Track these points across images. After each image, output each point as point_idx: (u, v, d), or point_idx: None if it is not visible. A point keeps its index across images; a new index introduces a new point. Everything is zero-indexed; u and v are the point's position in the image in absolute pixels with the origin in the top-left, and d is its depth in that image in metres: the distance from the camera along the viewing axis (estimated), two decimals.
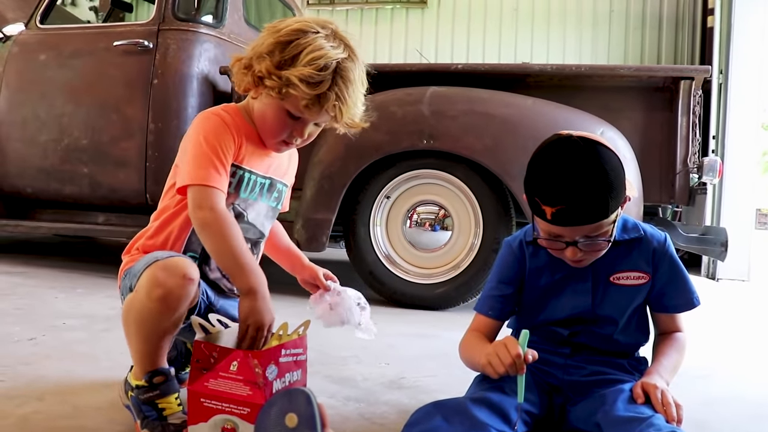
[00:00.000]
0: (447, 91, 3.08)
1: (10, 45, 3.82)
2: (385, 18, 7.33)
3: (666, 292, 1.47)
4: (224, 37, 3.65)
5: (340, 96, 1.33)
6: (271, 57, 1.33)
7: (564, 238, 1.33)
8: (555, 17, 6.99)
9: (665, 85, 3.12)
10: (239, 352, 1.19)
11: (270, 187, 1.54)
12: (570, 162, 1.27)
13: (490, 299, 1.54)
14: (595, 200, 1.27)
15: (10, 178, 3.79)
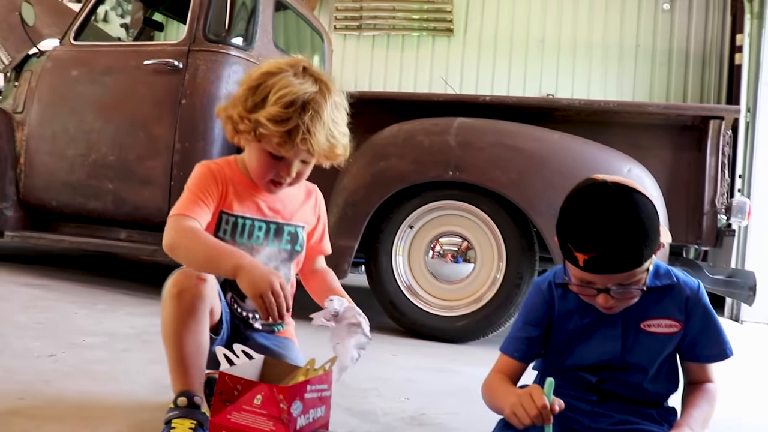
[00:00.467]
0: (474, 122, 3.08)
1: (44, 60, 3.88)
2: (412, 45, 7.38)
3: (698, 341, 1.43)
4: (253, 59, 3.68)
5: (310, 129, 1.38)
6: (244, 102, 1.42)
7: (596, 285, 1.31)
8: (581, 50, 7.00)
9: (694, 123, 3.09)
10: (264, 385, 1.17)
11: (277, 230, 1.58)
12: (604, 209, 1.24)
13: (516, 341, 1.52)
14: (629, 249, 1.24)
15: (36, 190, 3.83)
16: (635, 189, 1.29)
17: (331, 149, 1.47)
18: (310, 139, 1.39)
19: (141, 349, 2.30)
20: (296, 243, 1.63)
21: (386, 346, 2.86)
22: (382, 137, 3.14)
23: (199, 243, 1.40)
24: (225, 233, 1.52)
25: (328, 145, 1.45)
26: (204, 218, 1.47)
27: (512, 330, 1.54)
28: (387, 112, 3.29)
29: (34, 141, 3.81)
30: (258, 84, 1.43)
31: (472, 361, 2.76)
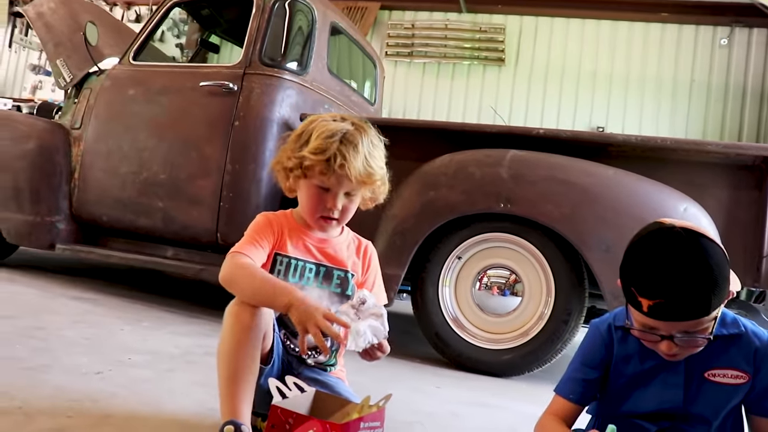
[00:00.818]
0: (527, 155, 3.04)
1: (103, 78, 3.97)
2: (462, 73, 7.38)
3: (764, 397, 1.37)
4: (307, 84, 3.71)
5: (346, 156, 1.56)
6: (292, 146, 1.64)
7: (659, 332, 1.26)
8: (633, 84, 6.92)
9: (755, 163, 3.00)
10: (317, 421, 1.15)
11: (326, 274, 1.68)
12: (673, 254, 1.21)
13: (572, 382, 1.47)
14: (697, 297, 1.20)
15: (88, 205, 3.90)
16: (705, 235, 1.24)
17: (369, 176, 1.61)
18: (347, 165, 1.56)
19: (185, 369, 2.30)
20: (347, 288, 1.71)
21: (430, 378, 2.82)
22: (434, 167, 3.13)
23: (255, 278, 1.51)
24: (279, 273, 1.64)
25: (366, 172, 1.60)
26: (259, 258, 1.59)
27: (568, 371, 1.50)
28: (438, 141, 3.27)
29: (89, 157, 3.90)
30: (302, 131, 1.65)
31: (518, 396, 2.70)
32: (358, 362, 1.52)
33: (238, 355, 1.45)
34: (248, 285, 1.50)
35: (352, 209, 1.68)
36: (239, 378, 1.44)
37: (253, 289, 1.49)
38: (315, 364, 1.69)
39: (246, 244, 1.60)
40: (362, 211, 1.84)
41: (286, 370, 1.59)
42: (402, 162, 3.21)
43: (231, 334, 1.47)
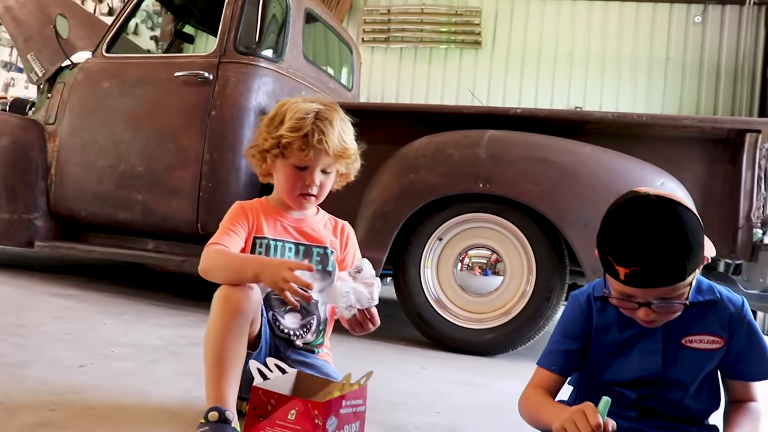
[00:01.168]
0: (505, 135, 3.05)
1: (76, 72, 3.92)
2: (439, 57, 7.37)
3: (742, 359, 1.39)
4: (283, 71, 3.69)
5: (323, 131, 1.62)
6: (267, 128, 1.68)
7: (637, 299, 1.28)
8: (610, 63, 6.94)
9: (729, 137, 3.03)
10: (298, 400, 1.15)
11: (306, 251, 1.71)
12: (648, 222, 1.22)
13: (554, 354, 1.49)
14: (673, 263, 1.21)
15: (66, 201, 3.86)
16: (679, 202, 1.26)
17: (345, 150, 1.67)
18: (324, 138, 1.61)
19: (169, 360, 2.29)
20: (327, 264, 1.73)
21: (414, 359, 2.84)
22: (412, 149, 3.13)
23: (225, 258, 1.56)
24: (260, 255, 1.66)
25: (342, 146, 1.66)
26: (235, 245, 1.63)
27: (550, 343, 1.51)
28: (416, 125, 3.27)
29: (64, 152, 3.85)
30: (275, 113, 1.70)
31: (501, 374, 2.72)
32: (344, 346, 1.53)
33: (226, 340, 1.45)
34: (221, 267, 1.55)
35: (328, 185, 1.73)
36: (226, 363, 1.44)
37: (225, 271, 1.54)
38: (303, 345, 1.70)
39: (221, 235, 1.64)
40: (343, 196, 1.87)
41: (274, 354, 1.60)
42: (381, 146, 3.23)
43: (219, 320, 1.48)
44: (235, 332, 1.46)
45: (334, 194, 1.82)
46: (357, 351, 2.80)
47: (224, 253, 1.58)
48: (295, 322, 1.69)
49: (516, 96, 7.09)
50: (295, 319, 1.69)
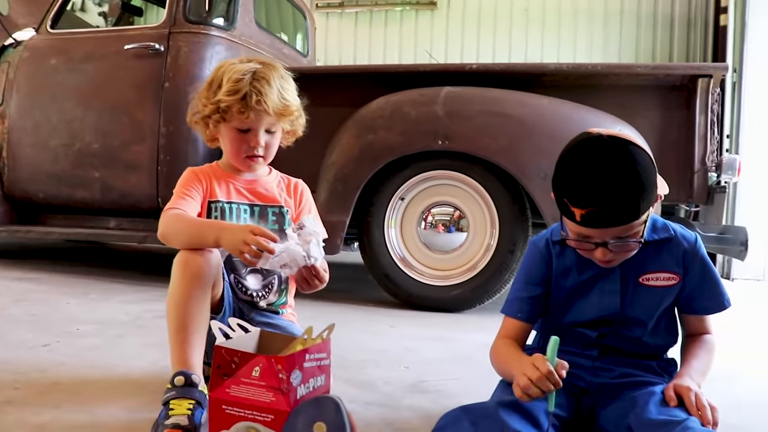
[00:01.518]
0: (462, 91, 3.05)
1: (21, 50, 3.81)
2: (395, 20, 7.30)
3: (696, 294, 1.43)
4: (235, 39, 3.63)
5: (261, 91, 1.59)
6: (205, 94, 1.65)
7: (593, 239, 1.29)
8: (566, 17, 6.95)
9: (682, 83, 3.06)
10: (261, 357, 1.15)
11: (261, 212, 1.71)
12: (600, 163, 1.23)
13: (518, 301, 1.50)
14: (626, 202, 1.23)
15: (21, 183, 3.78)
16: (631, 141, 1.27)
17: (286, 107, 1.65)
18: (263, 99, 1.59)
19: (136, 334, 2.28)
20: (284, 223, 1.72)
21: (383, 319, 2.86)
22: (370, 110, 3.11)
23: (184, 224, 1.55)
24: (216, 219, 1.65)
25: (282, 104, 1.64)
26: (191, 208, 1.61)
27: (512, 291, 1.53)
28: (373, 86, 3.25)
29: (15, 133, 3.76)
30: (213, 78, 1.66)
31: (470, 328, 2.75)
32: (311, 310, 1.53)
33: (187, 305, 1.44)
34: (181, 233, 1.53)
35: (274, 144, 1.71)
36: (189, 328, 1.43)
37: (185, 235, 1.53)
38: (266, 306, 1.70)
39: (177, 199, 1.62)
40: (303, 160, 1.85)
41: (238, 317, 1.58)
42: (338, 109, 3.22)
43: (179, 285, 1.46)
44: (197, 296, 1.45)
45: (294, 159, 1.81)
46: (324, 314, 2.81)
47: (183, 218, 1.56)
48: (257, 283, 1.69)
49: (474, 56, 7.06)
50: (257, 280, 1.69)
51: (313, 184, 3.12)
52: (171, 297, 1.47)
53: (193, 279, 1.46)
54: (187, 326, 1.43)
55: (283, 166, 1.88)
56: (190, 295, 1.45)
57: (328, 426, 0.94)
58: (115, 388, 1.64)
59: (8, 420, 1.36)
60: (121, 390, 1.63)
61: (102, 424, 1.37)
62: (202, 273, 1.47)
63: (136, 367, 1.85)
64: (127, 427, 1.36)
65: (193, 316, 1.44)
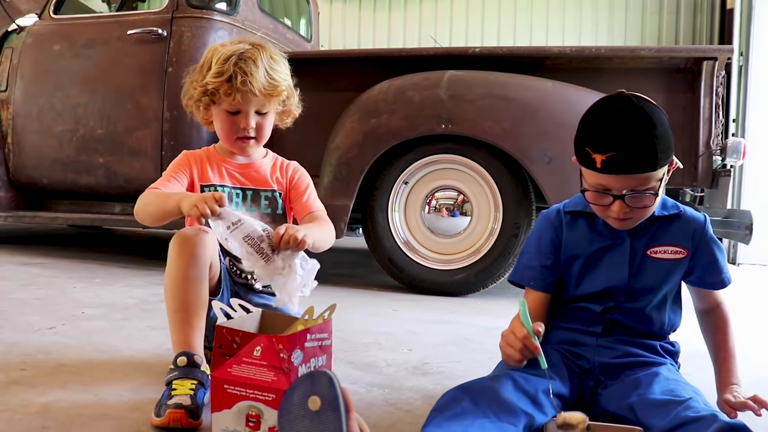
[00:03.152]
0: (465, 74, 3.04)
1: (24, 36, 3.82)
2: (399, 5, 7.28)
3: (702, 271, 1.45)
4: (238, 24, 3.62)
5: (246, 71, 1.58)
6: (197, 76, 1.65)
7: (611, 191, 1.31)
8: (570, 2, 6.91)
9: (687, 66, 3.05)
10: (263, 336, 1.16)
11: (254, 196, 1.71)
12: (622, 111, 1.27)
13: (530, 270, 1.49)
14: (645, 148, 1.26)
15: (26, 169, 3.80)
16: (652, 102, 1.31)
17: (273, 87, 1.64)
18: (249, 80, 1.58)
19: (141, 317, 2.30)
20: (276, 207, 1.73)
21: (387, 302, 2.87)
22: (373, 94, 3.11)
23: (154, 196, 1.57)
24: None
25: (269, 84, 1.62)
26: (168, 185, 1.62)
27: (522, 261, 1.52)
28: (376, 70, 3.25)
29: (20, 119, 3.77)
30: (203, 61, 1.67)
31: (473, 312, 2.76)
32: (313, 294, 1.53)
33: (185, 285, 1.45)
34: (149, 204, 1.56)
35: (267, 125, 1.70)
36: (188, 309, 1.44)
37: (153, 207, 1.55)
38: (262, 288, 1.70)
39: (162, 181, 1.64)
40: (307, 145, 1.83)
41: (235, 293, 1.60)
42: (342, 93, 3.21)
43: (176, 266, 1.47)
44: (194, 277, 1.46)
45: (298, 143, 1.80)
46: (328, 298, 2.80)
47: (152, 192, 1.58)
48: None
49: (478, 40, 7.04)
50: None
51: (317, 168, 3.12)
52: (168, 279, 1.48)
53: (190, 260, 1.46)
54: (186, 307, 1.44)
55: (287, 151, 1.88)
56: (187, 276, 1.45)
57: (322, 399, 0.95)
58: (119, 370, 1.66)
59: (15, 400, 1.38)
60: (126, 371, 1.64)
61: (106, 405, 1.38)
62: (199, 254, 1.47)
63: (140, 350, 1.87)
64: (131, 407, 1.37)
65: (191, 297, 1.45)
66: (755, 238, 3.09)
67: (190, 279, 1.45)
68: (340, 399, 0.95)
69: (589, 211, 1.43)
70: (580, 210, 1.46)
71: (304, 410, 0.97)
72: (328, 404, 0.96)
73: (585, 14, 6.89)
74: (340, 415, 0.95)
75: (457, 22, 7.14)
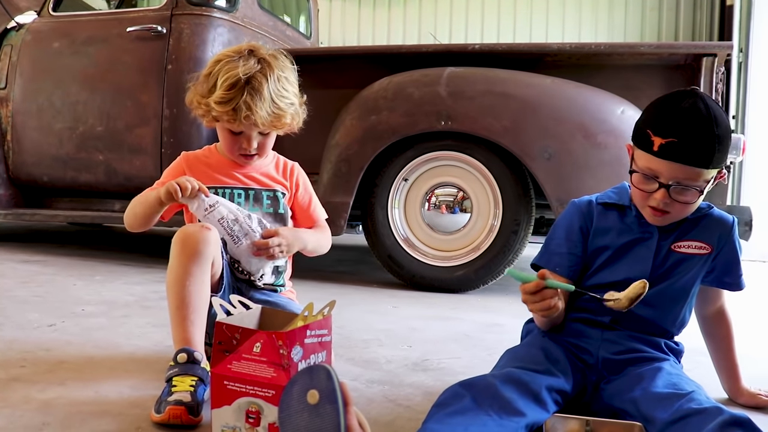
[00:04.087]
0: (464, 71, 3.04)
1: (23, 33, 3.82)
2: (399, 2, 7.28)
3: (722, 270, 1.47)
4: (238, 21, 3.62)
5: (251, 107, 1.55)
6: (201, 88, 1.62)
7: (659, 179, 1.32)
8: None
9: (687, 62, 3.05)
10: (262, 333, 1.16)
11: (255, 196, 1.71)
12: (692, 104, 1.29)
13: (557, 256, 1.49)
14: (705, 142, 1.28)
15: (26, 167, 3.80)
16: (721, 106, 1.33)
17: (277, 119, 1.62)
18: (252, 115, 1.56)
19: (141, 314, 2.30)
20: (278, 207, 1.74)
21: (387, 299, 2.87)
22: (372, 91, 3.11)
23: (134, 201, 1.64)
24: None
25: (273, 117, 1.60)
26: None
27: (550, 247, 1.52)
28: (376, 67, 3.24)
29: (20, 117, 3.77)
30: (209, 72, 1.62)
31: (473, 308, 2.76)
32: (313, 291, 1.54)
33: (187, 282, 1.45)
34: (135, 207, 1.64)
35: (269, 143, 1.70)
36: (190, 306, 1.44)
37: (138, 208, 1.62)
38: (264, 285, 1.71)
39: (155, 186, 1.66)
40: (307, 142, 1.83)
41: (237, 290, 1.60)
42: (342, 90, 3.21)
43: (178, 262, 1.47)
44: (196, 274, 1.46)
45: (297, 140, 1.80)
46: (328, 295, 2.82)
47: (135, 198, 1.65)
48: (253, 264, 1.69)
49: (478, 38, 7.04)
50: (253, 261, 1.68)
51: (317, 165, 3.12)
52: (170, 275, 1.48)
53: (192, 256, 1.46)
54: (187, 304, 1.44)
55: (286, 148, 1.89)
56: (189, 272, 1.45)
57: (320, 393, 0.96)
58: (119, 367, 1.66)
59: (15, 396, 1.38)
60: (126, 368, 1.64)
61: (107, 401, 1.38)
62: (200, 250, 1.47)
63: (140, 347, 1.87)
64: (132, 404, 1.37)
65: (192, 294, 1.45)
66: (755, 235, 3.09)
67: (192, 275, 1.45)
68: (337, 392, 0.95)
69: (621, 204, 1.46)
70: (614, 202, 1.49)
71: (303, 404, 0.98)
72: (326, 397, 0.96)
73: (585, 11, 6.90)
74: (338, 407, 0.95)
75: (456, 19, 7.14)
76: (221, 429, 1.13)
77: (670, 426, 1.13)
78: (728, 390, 1.58)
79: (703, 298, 1.54)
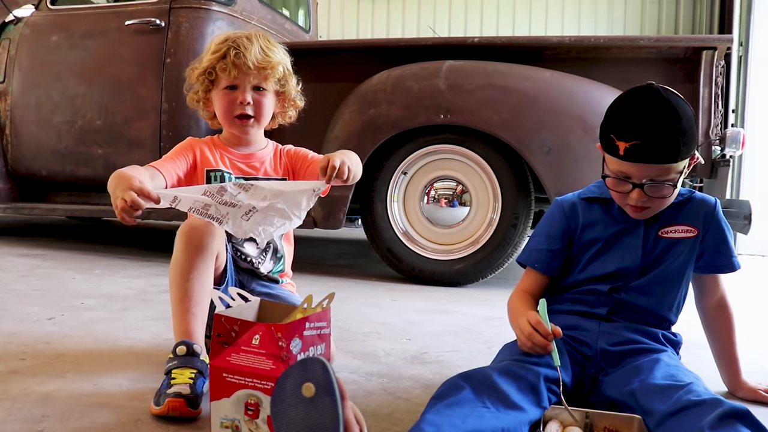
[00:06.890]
0: (464, 64, 3.03)
1: (21, 27, 3.81)
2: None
3: (712, 253, 1.48)
4: (236, 14, 3.61)
5: (239, 45, 1.62)
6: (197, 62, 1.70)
7: (632, 179, 1.34)
8: None
9: (686, 55, 3.04)
10: (261, 325, 1.16)
11: None
12: (649, 102, 1.30)
13: (536, 252, 1.54)
14: (668, 139, 1.29)
15: (25, 160, 3.79)
16: (679, 96, 1.34)
17: (267, 61, 1.65)
18: (241, 52, 1.61)
19: (140, 308, 2.30)
20: None
21: (386, 293, 2.87)
22: (371, 84, 3.10)
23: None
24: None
25: (263, 58, 1.64)
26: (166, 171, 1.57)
27: (532, 243, 1.56)
28: (375, 60, 3.24)
29: (18, 111, 3.76)
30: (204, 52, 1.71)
31: (472, 302, 2.76)
32: (312, 284, 1.54)
33: (190, 275, 1.45)
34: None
35: (265, 104, 1.69)
36: (192, 299, 1.44)
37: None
38: (266, 274, 1.72)
39: (160, 161, 1.63)
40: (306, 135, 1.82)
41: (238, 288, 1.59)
42: (341, 84, 3.21)
43: (182, 255, 1.47)
44: (199, 267, 1.46)
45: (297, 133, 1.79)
46: (328, 288, 2.80)
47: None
48: (253, 249, 1.70)
49: (477, 31, 7.03)
50: (253, 247, 1.70)
51: None
52: (173, 267, 1.48)
53: (196, 250, 1.47)
54: (189, 297, 1.44)
55: (286, 141, 1.88)
56: (192, 265, 1.46)
57: (317, 385, 0.95)
58: (119, 360, 1.66)
59: (15, 389, 1.38)
60: (125, 361, 1.65)
61: (106, 394, 1.38)
62: (204, 244, 1.47)
63: (140, 340, 1.87)
64: (131, 396, 1.37)
65: (195, 287, 1.45)
66: (754, 228, 3.09)
67: (195, 269, 1.46)
68: (334, 384, 0.95)
69: (604, 197, 1.48)
70: (596, 196, 1.51)
71: (298, 397, 0.97)
72: (323, 390, 0.96)
73: (584, 4, 6.88)
74: (335, 399, 0.95)
75: (455, 13, 7.13)
76: (220, 421, 1.13)
77: (668, 418, 1.13)
78: (728, 383, 1.58)
79: (701, 289, 1.55)
